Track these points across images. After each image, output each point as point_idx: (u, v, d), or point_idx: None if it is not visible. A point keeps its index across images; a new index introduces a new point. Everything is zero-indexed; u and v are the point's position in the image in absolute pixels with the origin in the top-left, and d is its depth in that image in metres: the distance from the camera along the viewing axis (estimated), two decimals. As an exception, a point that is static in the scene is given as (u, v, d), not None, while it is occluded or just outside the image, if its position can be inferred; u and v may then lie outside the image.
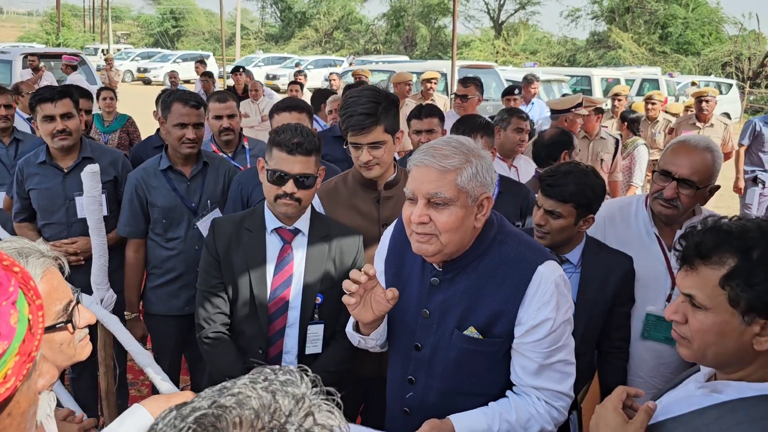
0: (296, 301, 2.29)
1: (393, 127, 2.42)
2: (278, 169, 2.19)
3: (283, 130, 2.22)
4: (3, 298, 0.80)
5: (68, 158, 3.31)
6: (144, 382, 4.28)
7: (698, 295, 1.30)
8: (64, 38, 33.45)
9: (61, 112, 3.18)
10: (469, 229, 1.68)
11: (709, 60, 29.83)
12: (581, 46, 38.61)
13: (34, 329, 0.84)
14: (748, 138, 6.53)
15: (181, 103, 3.08)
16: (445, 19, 42.68)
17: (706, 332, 1.30)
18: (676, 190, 2.25)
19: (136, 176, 3.13)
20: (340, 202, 2.53)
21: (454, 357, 1.79)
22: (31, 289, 0.87)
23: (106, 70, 14.64)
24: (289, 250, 2.30)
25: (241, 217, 2.37)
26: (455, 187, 1.61)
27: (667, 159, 2.32)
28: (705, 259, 1.30)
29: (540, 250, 1.80)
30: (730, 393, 1.31)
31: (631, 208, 2.51)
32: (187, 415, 0.70)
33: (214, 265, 2.30)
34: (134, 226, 3.12)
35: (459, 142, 1.67)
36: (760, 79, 26.47)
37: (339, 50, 42.72)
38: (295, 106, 3.12)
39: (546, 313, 1.69)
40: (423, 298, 1.82)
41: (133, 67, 31.32)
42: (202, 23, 52.92)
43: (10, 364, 0.79)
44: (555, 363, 1.74)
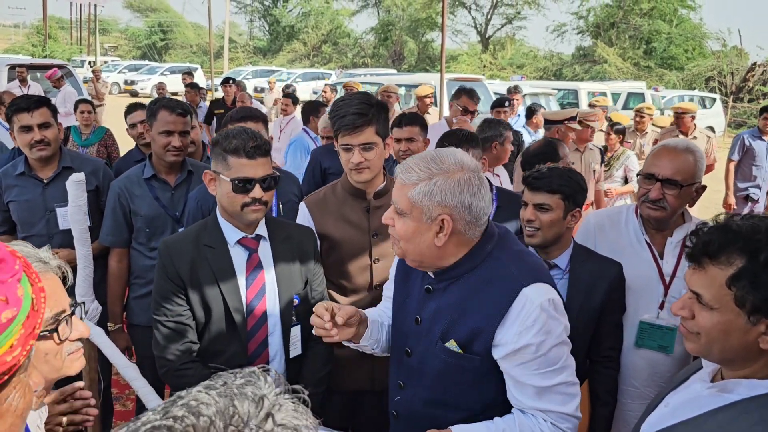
0: (274, 308, 2.25)
1: (384, 131, 2.41)
2: (242, 176, 2.10)
3: (232, 135, 2.12)
4: (9, 275, 0.86)
5: (48, 168, 3.24)
6: (129, 396, 4.20)
7: (705, 294, 1.31)
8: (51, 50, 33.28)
9: (39, 122, 3.12)
10: (426, 244, 1.67)
11: (692, 75, 30.19)
12: (567, 60, 38.98)
13: (37, 307, 0.89)
14: (738, 153, 6.56)
15: (168, 111, 3.05)
16: (432, 34, 42.98)
17: (711, 329, 1.31)
18: (661, 191, 2.28)
19: (119, 185, 3.08)
20: (330, 212, 2.50)
21: (438, 367, 1.77)
22: (33, 272, 0.93)
23: (93, 82, 14.55)
24: (257, 259, 2.24)
25: (196, 234, 2.23)
26: (408, 200, 1.65)
27: (649, 162, 2.37)
28: (713, 259, 1.30)
29: (531, 271, 1.71)
30: (741, 392, 1.29)
31: (621, 216, 2.52)
32: (136, 429, 0.67)
33: (174, 291, 2.16)
34: (117, 235, 3.07)
35: (435, 159, 1.66)
36: (743, 94, 26.81)
37: (327, 63, 42.82)
38: (251, 116, 3.07)
39: (528, 338, 1.63)
40: (418, 305, 1.82)
41: (120, 79, 31.21)
42: (190, 36, 52.88)
43: (16, 335, 0.84)
44: (555, 386, 1.68)
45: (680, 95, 20.00)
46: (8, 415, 0.89)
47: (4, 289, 0.85)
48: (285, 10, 49.19)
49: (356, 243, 2.46)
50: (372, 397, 2.58)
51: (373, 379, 2.54)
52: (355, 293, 2.50)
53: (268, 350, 2.26)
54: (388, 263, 2.47)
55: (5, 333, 0.83)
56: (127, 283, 3.17)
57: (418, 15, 42.30)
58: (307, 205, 2.56)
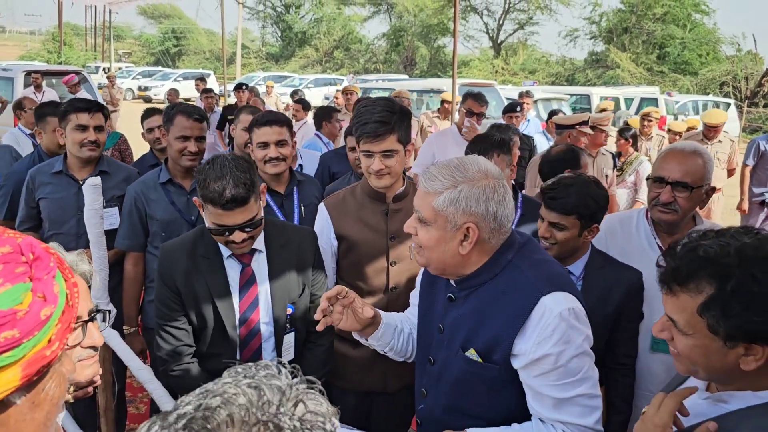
0: (267, 318, 2.27)
1: (405, 138, 2.41)
2: (219, 225, 2.07)
3: (211, 179, 2.00)
4: (45, 272, 0.89)
5: (85, 170, 3.34)
6: (143, 399, 4.22)
7: (679, 320, 1.29)
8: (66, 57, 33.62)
9: (96, 124, 3.27)
10: (450, 252, 1.67)
11: (706, 80, 29.99)
12: (580, 65, 38.87)
13: (72, 302, 0.92)
14: (753, 158, 6.50)
15: (185, 116, 3.09)
16: (444, 39, 43.03)
17: (690, 353, 1.29)
18: (671, 194, 2.28)
19: (135, 189, 3.11)
20: (348, 214, 2.52)
21: (457, 376, 1.77)
22: (66, 268, 0.96)
23: (108, 88, 14.68)
24: (250, 272, 2.25)
25: (192, 243, 2.23)
26: (432, 209, 1.64)
27: (658, 166, 2.37)
28: (682, 286, 1.27)
29: (551, 279, 1.68)
30: (736, 403, 1.28)
31: (632, 220, 2.51)
32: (174, 422, 0.68)
33: (172, 297, 2.21)
34: (133, 239, 3.10)
35: (459, 167, 1.65)
36: (758, 99, 26.60)
37: (339, 69, 42.99)
38: (275, 120, 3.08)
39: (547, 348, 1.60)
40: (441, 313, 1.82)
41: (134, 85, 31.52)
42: (203, 42, 53.30)
43: (54, 329, 0.87)
44: (575, 397, 1.64)
45: (694, 100, 19.88)
46: (45, 403, 0.92)
47: (41, 287, 0.87)
48: (297, 16, 49.45)
49: (374, 245, 2.46)
50: (386, 398, 2.59)
51: (386, 381, 2.55)
52: (371, 295, 2.51)
53: (261, 357, 2.28)
54: (404, 266, 2.48)
55: (44, 329, 0.85)
56: (142, 286, 3.19)
57: (429, 21, 42.38)
58: (327, 206, 2.57)
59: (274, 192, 3.09)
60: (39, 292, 0.86)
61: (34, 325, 0.84)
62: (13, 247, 0.88)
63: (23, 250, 0.89)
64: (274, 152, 2.99)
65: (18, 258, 0.87)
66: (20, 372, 0.84)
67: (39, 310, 0.85)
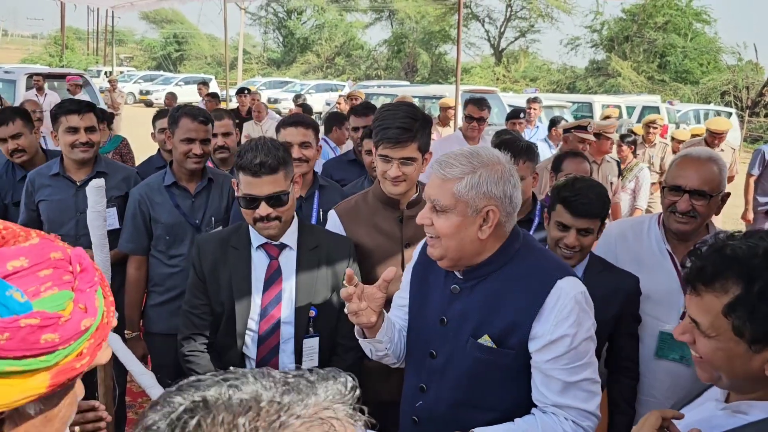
0: (289, 317, 2.26)
1: (425, 146, 2.37)
2: (248, 194, 2.15)
3: (246, 150, 2.15)
4: (88, 285, 0.89)
5: (82, 171, 3.31)
6: (142, 404, 4.18)
7: (702, 322, 1.25)
8: (68, 60, 33.71)
9: (87, 125, 3.23)
10: (470, 238, 1.68)
11: (707, 89, 30.03)
12: (581, 73, 38.92)
13: (108, 320, 0.92)
14: (758, 167, 6.47)
15: (190, 118, 3.06)
16: (446, 46, 43.11)
17: (713, 357, 1.25)
18: (689, 203, 2.26)
19: (139, 191, 3.09)
20: (361, 221, 2.47)
21: (468, 367, 1.76)
22: (106, 286, 0.95)
23: (110, 92, 14.70)
24: (276, 266, 2.27)
25: (227, 234, 2.34)
26: (452, 195, 1.65)
27: (674, 173, 2.33)
28: (707, 285, 1.24)
29: (561, 265, 1.81)
30: (756, 414, 1.25)
31: (644, 225, 2.50)
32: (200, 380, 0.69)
33: (198, 285, 2.29)
34: (137, 242, 3.07)
35: (474, 154, 1.69)
36: (759, 108, 26.63)
37: (340, 75, 43.02)
38: (301, 122, 3.08)
39: (564, 328, 1.67)
40: (443, 306, 1.81)
41: (135, 89, 31.53)
42: (205, 47, 53.37)
43: (87, 343, 0.86)
44: (580, 381, 1.70)
45: (696, 109, 19.89)
46: (56, 420, 0.91)
47: (84, 298, 0.87)
48: (299, 22, 49.54)
49: (388, 252, 2.43)
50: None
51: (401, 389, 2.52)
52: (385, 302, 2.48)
53: (278, 357, 2.26)
54: None
55: (80, 340, 0.85)
56: (144, 290, 3.15)
57: (431, 27, 42.45)
58: (338, 213, 2.54)
59: None
60: (81, 302, 0.86)
61: (73, 333, 0.84)
62: (64, 255, 0.89)
63: (72, 259, 0.89)
64: (297, 153, 2.97)
65: (66, 266, 0.88)
66: (48, 379, 0.83)
67: (80, 319, 0.85)
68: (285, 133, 3.06)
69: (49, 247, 0.88)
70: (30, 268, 0.83)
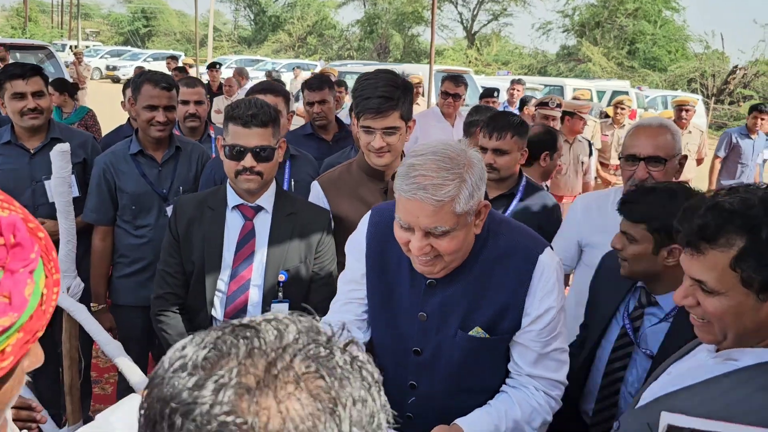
0: (258, 279, 2.23)
1: (408, 114, 2.31)
2: (235, 143, 2.16)
3: (238, 104, 2.19)
4: (22, 264, 0.72)
5: (35, 139, 3.16)
6: (108, 380, 4.11)
7: (708, 280, 1.25)
8: (31, 33, 32.64)
9: (33, 89, 3.05)
10: (470, 241, 1.63)
11: (675, 76, 30.46)
12: (552, 58, 39.14)
13: (45, 306, 0.76)
14: (724, 150, 6.60)
15: (152, 84, 2.95)
16: (419, 28, 42.88)
17: (722, 315, 1.25)
18: (646, 170, 2.27)
19: (104, 160, 2.99)
20: (345, 192, 2.41)
21: (458, 358, 1.71)
22: (51, 260, 0.79)
23: (75, 65, 14.28)
24: (251, 227, 2.26)
25: (205, 196, 2.38)
26: (454, 216, 1.50)
27: (628, 144, 2.36)
28: (711, 242, 1.24)
29: (535, 237, 1.74)
30: (747, 359, 1.26)
31: (609, 197, 2.50)
32: (220, 329, 0.66)
33: (173, 245, 2.31)
34: (102, 212, 2.98)
35: (448, 159, 1.50)
36: (724, 96, 27.14)
37: (312, 55, 42.54)
38: (271, 89, 3.02)
39: (549, 302, 1.66)
40: (418, 300, 1.72)
41: (101, 64, 30.74)
42: (174, 24, 52.20)
43: (12, 340, 0.71)
44: (552, 351, 1.71)
45: (663, 95, 20.17)
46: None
47: (10, 284, 0.71)
48: (271, 0, 48.77)
49: None
50: None
51: None
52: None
53: None
54: None
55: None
56: (111, 262, 3.07)
57: (404, 8, 42.16)
58: (321, 184, 2.47)
59: None
60: (5, 290, 0.70)
61: None
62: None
63: (3, 230, 0.72)
64: None
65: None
66: None
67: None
68: None
69: None
70: None
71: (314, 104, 3.92)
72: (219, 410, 0.59)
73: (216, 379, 0.61)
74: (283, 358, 0.63)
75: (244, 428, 0.59)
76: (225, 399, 0.59)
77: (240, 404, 0.59)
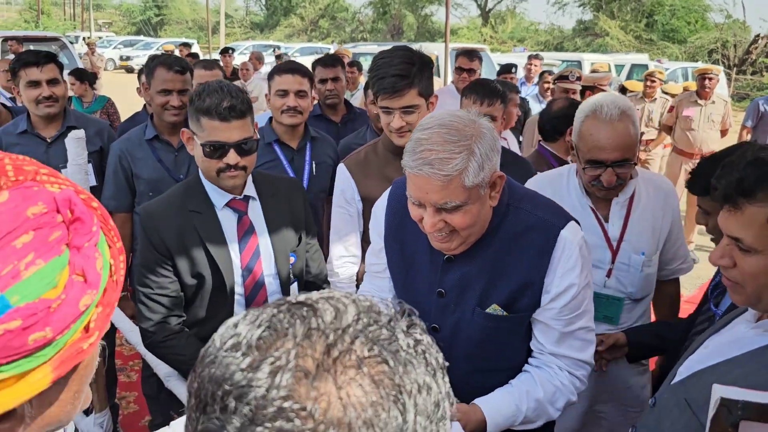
0: (271, 269, 2.13)
1: (427, 90, 2.23)
2: (214, 140, 1.93)
3: (207, 93, 1.92)
4: (86, 239, 0.67)
5: (51, 127, 3.14)
6: (133, 367, 4.11)
7: (746, 237, 1.19)
8: (44, 26, 32.80)
9: (48, 77, 3.03)
10: (486, 214, 1.56)
11: (695, 47, 29.86)
12: (568, 34, 38.55)
13: (116, 276, 0.73)
14: (753, 119, 6.41)
15: (165, 68, 2.90)
16: (432, 7, 42.43)
17: (759, 275, 1.20)
18: (614, 174, 2.06)
19: (120, 146, 2.95)
20: (372, 173, 2.35)
21: (477, 336, 1.66)
22: (111, 229, 0.75)
23: (88, 55, 14.32)
24: (249, 222, 2.10)
25: (180, 198, 2.07)
26: (465, 190, 1.45)
27: (589, 144, 2.07)
28: (750, 197, 1.18)
29: (559, 211, 1.66)
30: None
31: (562, 179, 2.30)
32: (275, 306, 0.62)
33: (160, 261, 2.01)
34: (119, 199, 2.94)
35: (455, 131, 1.45)
36: (746, 66, 26.55)
37: (325, 38, 42.32)
38: (298, 69, 2.94)
39: (571, 278, 1.60)
40: (436, 276, 1.67)
41: (115, 55, 30.84)
42: (186, 12, 52.21)
43: (93, 316, 0.69)
44: (576, 330, 1.65)
45: (684, 67, 19.76)
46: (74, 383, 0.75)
47: (81, 260, 0.66)
48: (282, -16, 48.52)
49: None
50: None
51: None
52: None
53: None
54: None
55: (81, 318, 0.67)
56: (131, 249, 3.04)
57: (417, -12, 41.73)
58: (348, 167, 2.40)
59: (284, 146, 2.96)
60: (78, 268, 0.66)
61: (71, 319, 0.65)
62: (48, 205, 0.66)
63: (60, 206, 0.67)
64: (293, 101, 2.84)
65: (53, 220, 0.66)
66: (51, 372, 0.66)
67: (78, 297, 0.66)
68: (281, 80, 2.91)
69: (25, 201, 0.65)
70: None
71: (327, 81, 3.83)
72: (276, 394, 0.55)
73: (272, 361, 0.57)
74: (344, 339, 0.58)
75: (302, 415, 0.54)
76: (282, 383, 0.55)
77: (298, 389, 0.55)
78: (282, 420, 0.54)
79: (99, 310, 0.69)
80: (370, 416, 0.56)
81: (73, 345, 0.67)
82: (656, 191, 2.23)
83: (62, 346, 0.66)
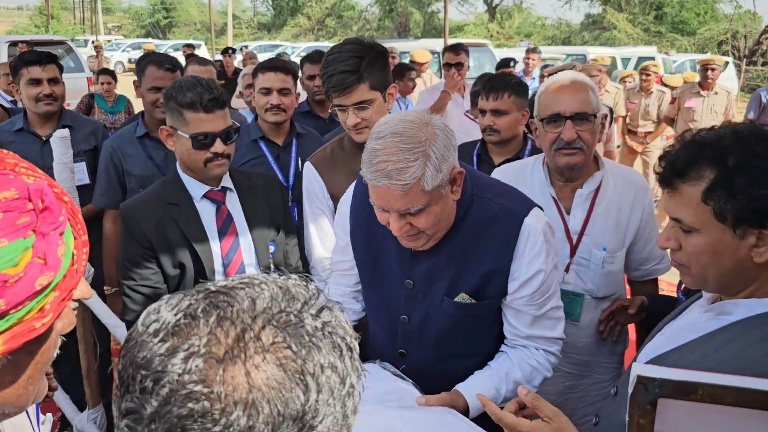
0: (251, 258, 2.16)
1: (381, 82, 2.14)
2: (201, 132, 2.02)
3: (186, 88, 2.01)
4: (52, 227, 0.75)
5: (47, 126, 3.20)
6: (131, 364, 4.14)
7: (685, 217, 1.21)
8: (54, 31, 33.06)
9: (49, 76, 3.11)
10: (449, 210, 1.58)
11: (704, 39, 29.60)
12: (576, 28, 38.34)
13: (77, 265, 0.80)
14: (755, 111, 6.36)
15: (155, 66, 2.94)
16: (438, 4, 42.34)
17: (700, 255, 1.21)
18: (574, 129, 2.00)
19: (111, 144, 2.99)
20: (339, 169, 2.31)
21: (446, 324, 1.69)
22: (78, 223, 0.83)
23: (96, 58, 14.43)
24: (227, 211, 2.16)
25: (157, 194, 2.15)
26: (425, 194, 1.46)
27: (547, 103, 2.05)
28: (683, 177, 1.20)
29: (522, 198, 1.69)
30: (740, 313, 1.20)
31: (527, 168, 2.26)
32: (195, 293, 0.69)
33: (143, 254, 2.08)
34: (111, 196, 2.98)
35: (407, 138, 1.44)
36: (756, 57, 26.28)
37: (332, 38, 42.35)
38: (281, 67, 2.94)
39: (538, 264, 1.62)
40: (404, 268, 1.69)
41: (124, 58, 31.01)
42: (194, 14, 52.48)
43: (49, 298, 0.75)
44: (548, 311, 1.69)
45: (692, 59, 19.58)
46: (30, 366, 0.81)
47: (44, 246, 0.73)
48: (288, -16, 48.60)
49: None
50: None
51: None
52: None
53: None
54: None
55: (37, 299, 0.73)
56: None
57: (423, -15, 41.64)
58: (314, 164, 2.36)
59: (270, 143, 2.96)
60: (40, 252, 0.72)
61: (27, 295, 0.71)
62: (20, 192, 0.73)
63: (31, 195, 0.74)
64: (276, 100, 2.85)
65: (23, 206, 0.73)
66: (1, 344, 0.71)
67: (35, 276, 0.71)
68: (264, 78, 2.91)
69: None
70: None
71: (315, 77, 3.79)
72: (188, 378, 0.62)
73: (187, 347, 0.63)
74: (253, 328, 0.65)
75: (212, 397, 0.61)
76: (194, 368, 0.62)
77: (209, 374, 0.62)
78: (193, 402, 0.61)
79: (56, 294, 0.75)
80: (273, 396, 0.63)
81: (26, 323, 0.72)
82: (626, 185, 2.14)
83: (14, 321, 0.71)
